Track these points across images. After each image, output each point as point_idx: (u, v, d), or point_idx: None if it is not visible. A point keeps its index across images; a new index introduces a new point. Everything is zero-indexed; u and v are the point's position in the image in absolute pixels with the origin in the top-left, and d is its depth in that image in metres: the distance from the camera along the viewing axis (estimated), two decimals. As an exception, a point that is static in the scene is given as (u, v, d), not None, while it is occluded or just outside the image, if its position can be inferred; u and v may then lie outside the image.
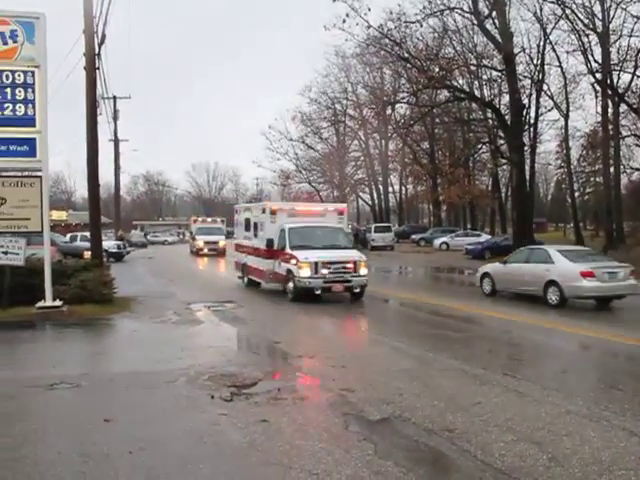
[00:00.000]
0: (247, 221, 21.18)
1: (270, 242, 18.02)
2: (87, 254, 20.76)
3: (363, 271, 17.24)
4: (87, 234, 25.99)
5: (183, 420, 6.83)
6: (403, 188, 74.60)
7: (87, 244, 22.59)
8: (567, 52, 41.00)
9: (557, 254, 17.07)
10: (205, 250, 42.91)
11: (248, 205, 24.45)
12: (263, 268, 18.91)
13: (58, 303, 14.59)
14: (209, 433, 6.34)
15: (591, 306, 16.75)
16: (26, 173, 14.92)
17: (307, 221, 18.65)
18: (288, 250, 17.35)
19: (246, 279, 21.26)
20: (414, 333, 12.64)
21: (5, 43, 13.97)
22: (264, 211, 19.20)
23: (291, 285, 17.11)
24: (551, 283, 16.45)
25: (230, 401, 7.46)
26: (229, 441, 6.15)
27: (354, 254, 17.78)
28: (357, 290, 17.22)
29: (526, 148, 40.40)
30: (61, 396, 7.88)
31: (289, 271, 17.17)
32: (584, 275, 15.80)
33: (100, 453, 5.77)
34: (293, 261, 16.90)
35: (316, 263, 16.56)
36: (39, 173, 14.64)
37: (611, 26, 38.08)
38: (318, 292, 16.59)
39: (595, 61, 38.89)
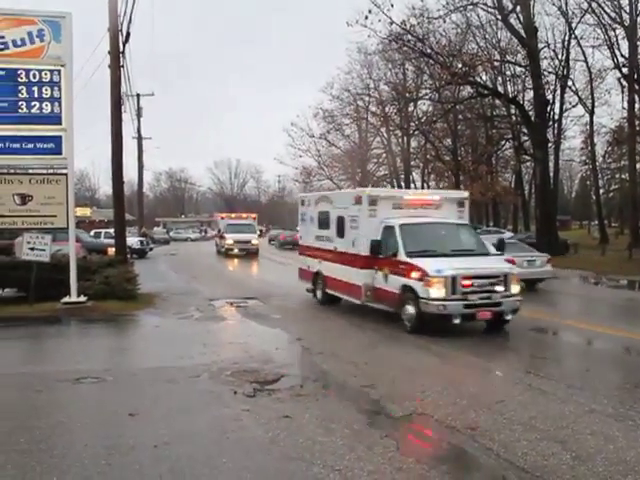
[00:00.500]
0: (323, 215, 16.06)
1: (376, 245, 13.05)
2: (111, 251, 21.00)
3: (515, 289, 12.20)
4: (111, 231, 26.36)
5: (206, 415, 6.89)
6: (425, 185, 74.19)
7: (111, 241, 22.87)
8: (593, 47, 40.61)
9: (490, 245, 19.37)
10: (235, 250, 38.48)
11: (325, 194, 18.55)
12: (356, 281, 13.89)
13: (83, 299, 14.82)
14: (232, 428, 6.40)
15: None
16: (52, 170, 15.14)
17: (419, 215, 13.95)
18: (403, 257, 12.44)
19: (320, 293, 16.10)
20: (435, 329, 12.59)
21: (32, 42, 14.21)
22: (358, 201, 14.10)
23: (411, 309, 11.98)
24: None
25: (253, 397, 7.52)
26: (252, 436, 6.19)
27: (502, 264, 12.79)
28: (509, 317, 12.17)
29: (550, 144, 40.02)
30: (87, 390, 8.01)
31: (407, 289, 12.12)
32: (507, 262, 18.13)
33: (125, 446, 5.85)
34: (415, 274, 11.87)
35: (454, 278, 11.51)
36: (65, 170, 14.85)
37: (639, 19, 37.55)
38: (457, 321, 11.61)
39: (622, 55, 38.42)
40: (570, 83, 44.14)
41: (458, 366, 9.35)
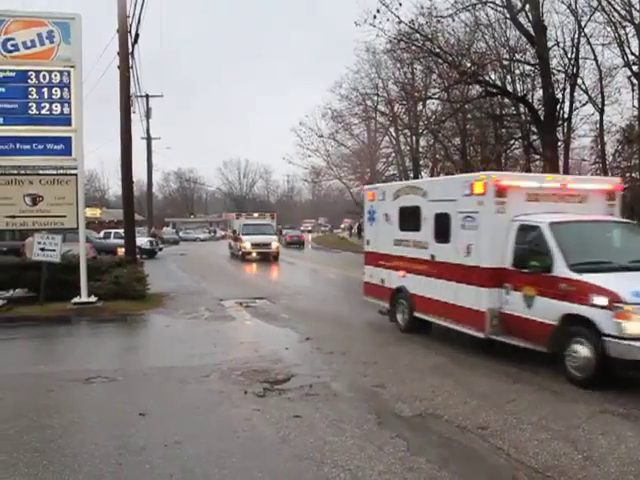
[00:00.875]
0: (409, 211, 12.20)
1: (524, 254, 9.36)
2: (121, 251, 21.10)
3: None
4: (120, 231, 26.45)
5: (217, 415, 6.92)
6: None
7: (121, 241, 22.97)
8: (602, 45, 40.15)
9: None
10: (254, 254, 34.17)
11: (413, 183, 14.28)
12: (474, 305, 10.03)
13: (93, 299, 14.89)
14: (242, 428, 6.41)
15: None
16: (62, 171, 15.22)
17: (561, 210, 10.13)
18: (565, 272, 8.59)
19: (403, 317, 12.32)
20: (444, 331, 12.56)
21: (42, 44, 14.29)
22: (477, 190, 10.11)
23: (585, 352, 8.10)
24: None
25: (263, 397, 7.53)
26: (262, 436, 6.21)
27: None
28: None
29: (560, 144, 39.79)
30: (97, 390, 8.04)
31: (576, 320, 8.30)
32: None
33: (136, 446, 5.88)
34: (599, 299, 7.98)
35: None
36: (74, 171, 14.94)
37: (648, 17, 37.29)
38: None
39: (632, 53, 38.03)
40: (580, 81, 43.78)
41: (468, 366, 9.31)
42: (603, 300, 7.97)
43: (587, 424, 6.48)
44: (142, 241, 34.56)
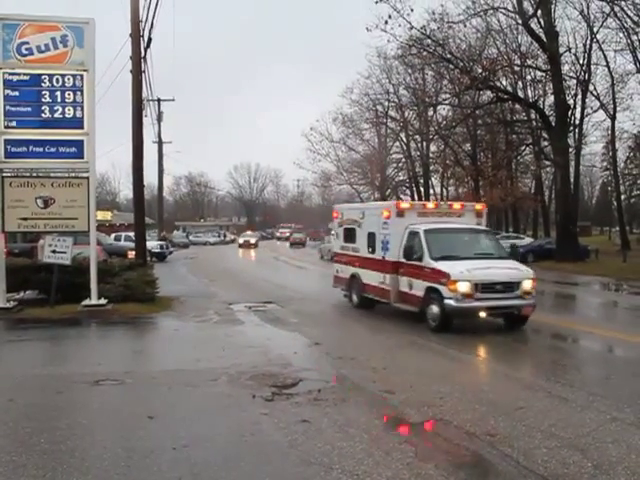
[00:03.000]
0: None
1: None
2: (131, 254, 21.17)
3: None
4: (131, 234, 26.55)
5: (225, 418, 6.92)
6: (444, 190, 73.97)
7: (131, 244, 23.04)
8: (615, 51, 40.14)
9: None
10: (482, 314, 12.48)
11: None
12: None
13: (103, 301, 14.94)
14: (250, 432, 6.41)
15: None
16: (73, 174, 15.30)
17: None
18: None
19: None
20: (453, 335, 12.52)
21: (56, 48, 14.41)
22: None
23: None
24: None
25: (271, 401, 7.53)
26: (270, 440, 6.20)
27: None
28: None
29: (571, 150, 39.67)
30: (106, 392, 8.07)
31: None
32: None
33: (144, 448, 5.89)
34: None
35: None
36: (86, 174, 15.00)
37: (661, 24, 37.07)
38: None
39: (644, 60, 37.92)
40: (591, 88, 43.71)
41: (477, 372, 9.30)
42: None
43: (597, 432, 6.43)
44: (152, 244, 34.68)
